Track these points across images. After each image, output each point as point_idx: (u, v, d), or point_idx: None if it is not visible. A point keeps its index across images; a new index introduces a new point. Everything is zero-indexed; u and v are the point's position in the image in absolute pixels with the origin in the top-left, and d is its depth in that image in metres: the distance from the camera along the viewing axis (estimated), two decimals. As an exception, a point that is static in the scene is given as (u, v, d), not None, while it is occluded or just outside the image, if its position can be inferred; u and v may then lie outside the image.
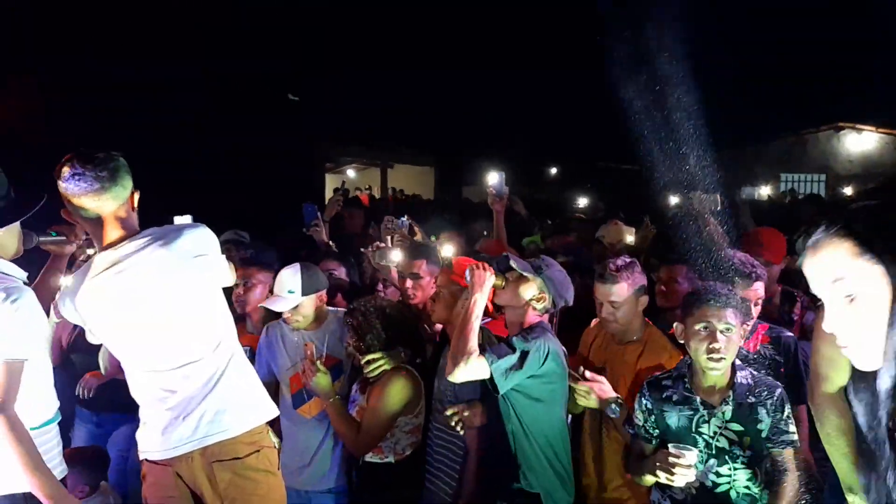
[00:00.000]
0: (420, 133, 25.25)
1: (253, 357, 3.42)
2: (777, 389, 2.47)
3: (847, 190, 19.32)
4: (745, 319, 2.58)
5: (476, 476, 2.84)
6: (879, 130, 23.99)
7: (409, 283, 3.46)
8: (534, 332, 2.71)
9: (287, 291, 3.21)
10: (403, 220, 4.38)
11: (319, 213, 4.57)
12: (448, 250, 4.18)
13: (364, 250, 4.19)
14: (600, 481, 2.99)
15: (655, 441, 2.56)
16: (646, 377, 2.70)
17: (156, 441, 2.39)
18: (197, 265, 2.35)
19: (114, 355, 3.63)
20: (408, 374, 3.03)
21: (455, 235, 4.92)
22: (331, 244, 4.57)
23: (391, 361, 3.01)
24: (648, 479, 2.51)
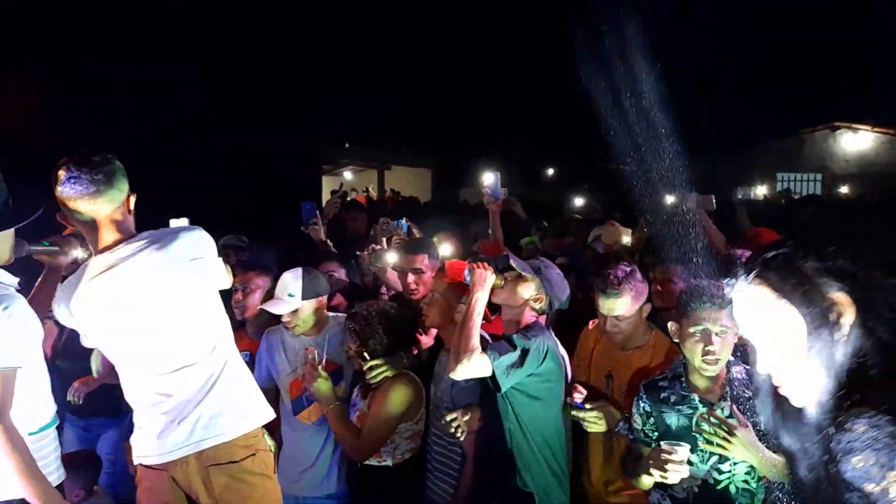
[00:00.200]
0: (418, 135, 25.26)
1: (252, 362, 3.41)
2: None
3: (843, 189, 19.38)
4: None
5: (473, 480, 2.84)
6: (875, 130, 24.05)
7: (412, 278, 3.47)
8: (533, 331, 2.72)
9: (287, 295, 3.19)
10: (401, 223, 4.37)
11: (318, 212, 4.56)
12: (446, 249, 4.18)
13: (360, 253, 4.18)
14: (606, 484, 2.98)
15: (655, 444, 2.54)
16: None
17: (151, 445, 2.38)
18: (193, 269, 2.34)
19: (106, 359, 3.64)
20: (409, 380, 3.01)
21: (452, 236, 4.92)
22: (328, 243, 4.56)
23: (393, 367, 3.00)
24: (645, 482, 2.49)
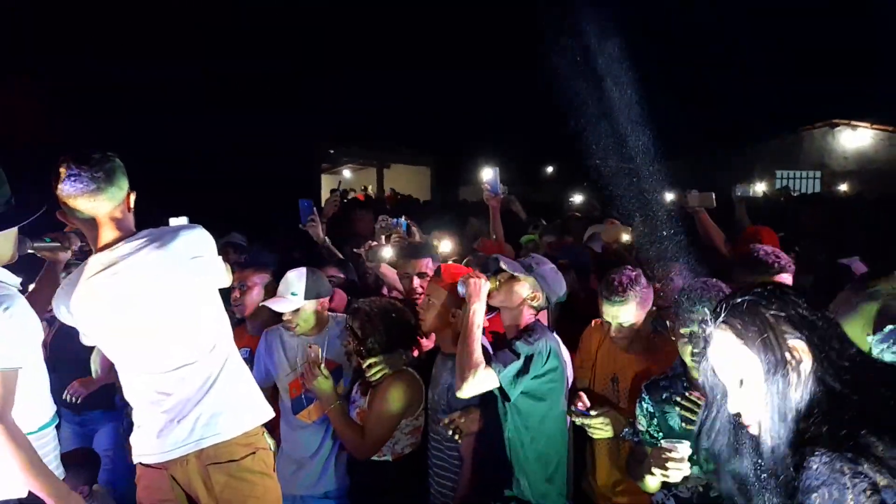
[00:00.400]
0: (417, 133, 25.26)
1: (252, 359, 3.40)
2: None
3: (842, 186, 19.38)
4: None
5: (471, 482, 2.82)
6: (874, 127, 24.05)
7: (417, 282, 3.51)
8: (534, 333, 2.69)
9: (290, 293, 3.21)
10: (400, 220, 4.37)
11: (315, 209, 4.56)
12: (445, 247, 4.18)
13: (357, 250, 4.17)
14: (614, 485, 2.97)
15: (659, 444, 2.53)
16: None
17: (151, 444, 2.37)
18: (192, 267, 2.34)
19: (105, 359, 3.64)
20: (409, 377, 3.02)
21: (452, 234, 4.92)
22: (326, 240, 4.57)
23: (392, 365, 3.00)
24: (649, 483, 2.46)
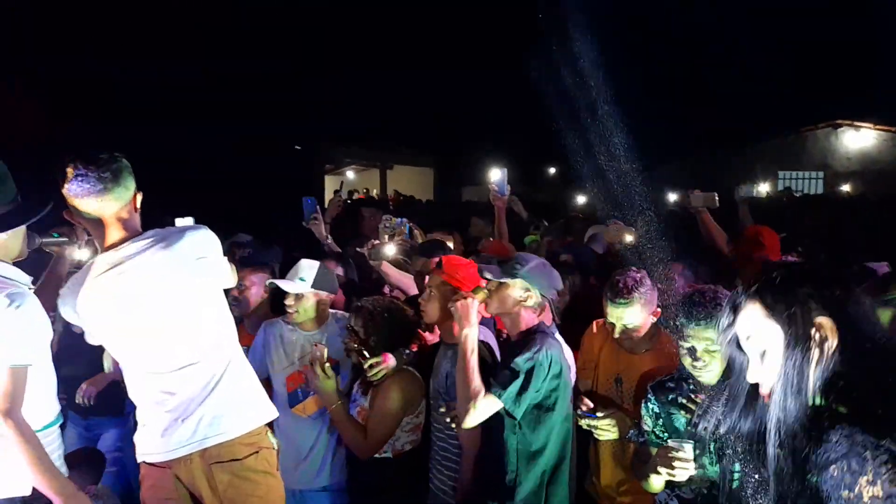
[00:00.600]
0: (420, 134, 25.27)
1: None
2: None
3: (845, 187, 19.36)
4: None
5: (472, 473, 2.83)
6: (877, 127, 24.01)
7: (428, 279, 3.50)
8: (534, 344, 2.64)
9: (299, 278, 3.26)
10: (403, 221, 4.38)
11: (319, 207, 4.58)
12: (448, 245, 4.20)
13: (360, 249, 4.19)
14: (618, 485, 2.97)
15: (666, 443, 2.51)
16: None
17: (155, 443, 2.39)
18: (198, 267, 2.35)
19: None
20: (409, 376, 3.04)
21: (455, 234, 4.94)
22: (329, 238, 4.59)
23: (394, 364, 3.02)
24: (654, 483, 2.47)
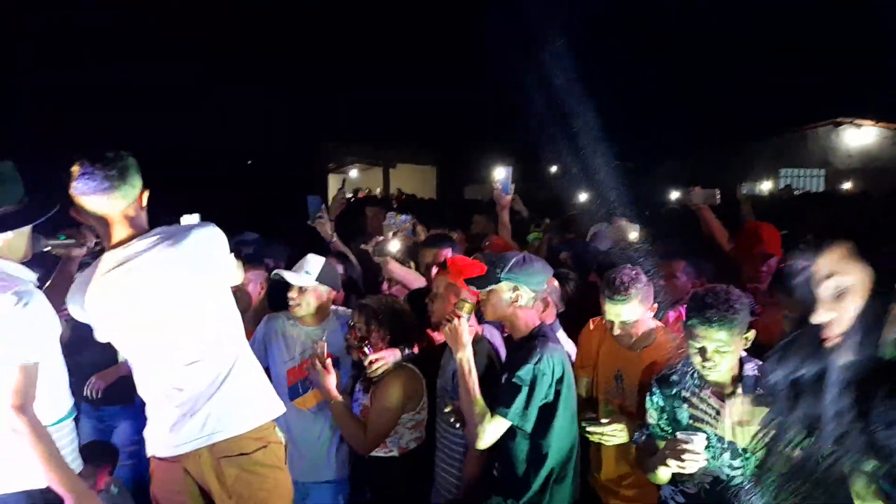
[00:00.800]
0: (422, 133, 25.23)
1: None
2: None
3: (846, 185, 19.31)
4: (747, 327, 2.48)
5: (477, 468, 2.85)
6: (878, 124, 23.98)
7: (436, 271, 3.54)
8: (535, 352, 2.62)
9: (304, 271, 3.29)
10: (407, 217, 4.40)
11: (324, 206, 4.61)
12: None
13: (364, 246, 4.22)
14: (620, 479, 3.00)
15: (671, 437, 2.54)
16: None
17: (164, 438, 2.41)
18: (205, 264, 2.37)
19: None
20: (409, 372, 3.07)
21: (457, 232, 4.97)
22: (335, 237, 4.62)
23: (394, 361, 3.05)
24: (661, 474, 2.49)
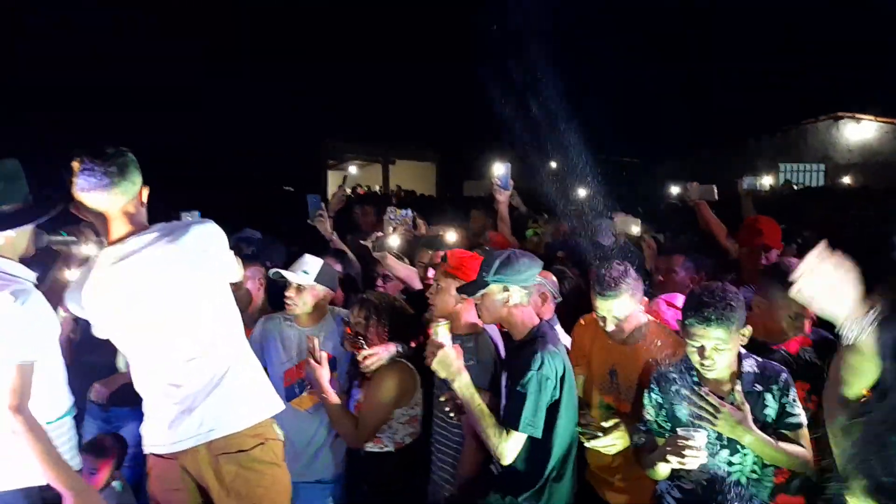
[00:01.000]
0: (422, 129, 25.23)
1: None
2: (782, 374, 2.47)
3: (846, 179, 19.32)
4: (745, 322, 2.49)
5: (474, 460, 2.84)
6: (879, 119, 23.93)
7: (431, 272, 3.57)
8: (534, 357, 2.59)
9: (302, 271, 3.31)
10: (407, 212, 4.41)
11: (323, 204, 4.62)
12: (451, 237, 4.24)
13: (363, 242, 4.22)
14: (613, 472, 2.98)
15: (668, 434, 2.56)
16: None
17: (162, 435, 2.41)
18: (203, 261, 2.37)
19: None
20: (403, 368, 3.08)
21: (456, 227, 4.96)
22: (334, 235, 4.62)
23: (387, 356, 3.07)
24: (661, 470, 2.50)
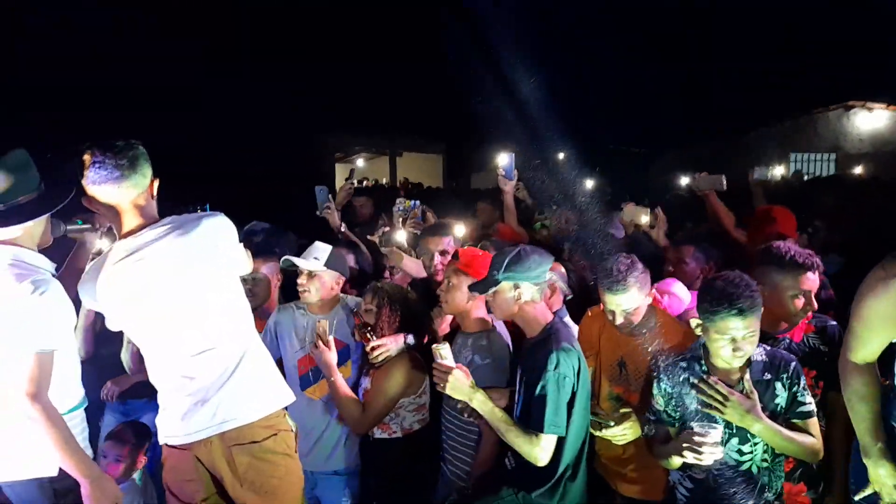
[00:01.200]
0: (428, 121, 25.19)
1: None
2: (792, 363, 2.48)
3: (857, 169, 19.16)
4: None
5: (491, 457, 2.85)
6: (890, 108, 23.70)
7: (438, 259, 3.59)
8: (550, 357, 2.56)
9: (313, 257, 3.34)
10: (416, 203, 4.41)
11: (331, 196, 4.62)
12: (459, 230, 4.25)
13: (370, 236, 4.22)
14: (624, 463, 3.00)
15: (678, 423, 2.58)
16: None
17: (175, 426, 2.43)
18: (214, 254, 2.38)
19: (135, 354, 3.70)
20: (410, 358, 3.11)
21: (464, 219, 4.95)
22: (343, 226, 4.63)
23: (396, 347, 3.08)
24: (675, 462, 2.51)
